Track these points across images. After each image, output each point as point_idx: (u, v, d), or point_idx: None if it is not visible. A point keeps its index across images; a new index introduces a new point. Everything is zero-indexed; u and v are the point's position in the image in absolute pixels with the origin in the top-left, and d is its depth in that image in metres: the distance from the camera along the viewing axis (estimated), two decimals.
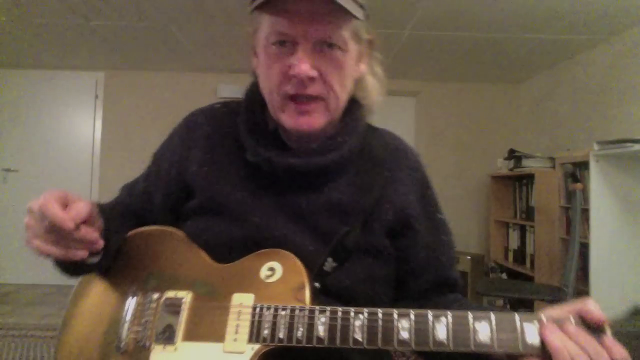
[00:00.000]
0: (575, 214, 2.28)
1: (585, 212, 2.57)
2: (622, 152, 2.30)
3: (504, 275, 3.65)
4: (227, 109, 0.80)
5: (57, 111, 4.19)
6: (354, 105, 0.76)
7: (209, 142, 0.76)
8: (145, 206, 0.81)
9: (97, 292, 0.74)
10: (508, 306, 3.37)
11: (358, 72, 0.74)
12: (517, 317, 0.55)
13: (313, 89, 0.65)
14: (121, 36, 3.31)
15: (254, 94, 0.75)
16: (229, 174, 0.73)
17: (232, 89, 4.10)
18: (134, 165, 0.86)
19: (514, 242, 3.66)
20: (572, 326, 0.54)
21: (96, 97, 4.23)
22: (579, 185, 2.39)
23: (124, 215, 0.79)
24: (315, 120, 0.67)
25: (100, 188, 4.09)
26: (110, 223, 0.72)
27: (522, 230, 3.53)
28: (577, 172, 2.78)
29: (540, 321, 0.55)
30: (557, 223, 3.07)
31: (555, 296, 2.18)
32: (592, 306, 0.54)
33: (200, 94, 4.06)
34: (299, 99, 0.66)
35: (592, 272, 2.41)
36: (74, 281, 0.76)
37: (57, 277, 0.76)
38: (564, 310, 0.56)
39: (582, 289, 2.59)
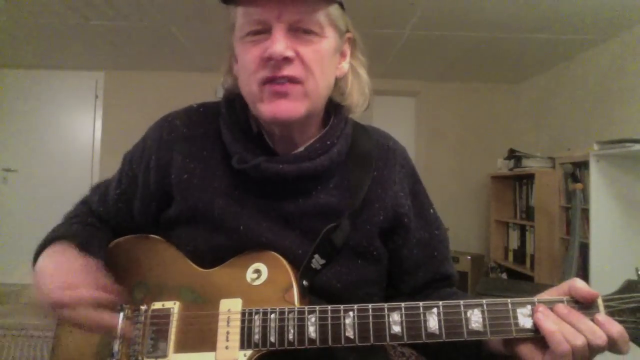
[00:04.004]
0: (575, 214, 2.27)
1: (585, 212, 2.57)
2: (622, 152, 2.29)
3: (504, 275, 3.65)
4: (205, 109, 0.77)
5: (57, 111, 4.19)
6: (337, 107, 0.74)
7: (188, 147, 0.73)
8: (121, 214, 0.78)
9: None
10: None
11: (340, 70, 0.71)
12: (509, 302, 0.55)
13: (290, 70, 0.62)
14: (121, 36, 3.31)
15: (233, 97, 0.73)
16: (211, 181, 0.71)
17: None
18: None
19: (514, 242, 3.65)
20: (564, 307, 0.53)
21: (96, 97, 4.23)
22: (579, 185, 2.39)
23: (99, 229, 0.77)
24: (294, 105, 0.63)
25: None
26: (91, 244, 0.71)
27: (522, 230, 3.53)
28: (577, 172, 2.78)
29: (532, 305, 0.55)
30: (557, 223, 3.07)
31: None
32: (580, 284, 0.54)
33: (200, 94, 4.02)
34: (275, 82, 0.62)
35: (592, 272, 2.41)
36: None
37: None
38: (556, 292, 0.56)
39: None
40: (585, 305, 0.53)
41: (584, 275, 2.56)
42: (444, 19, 2.83)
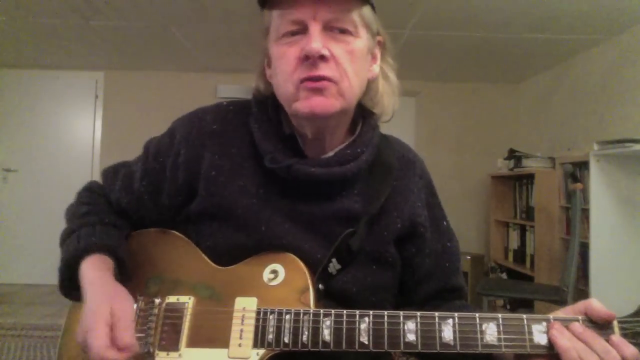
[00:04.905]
0: (575, 214, 2.27)
1: (585, 212, 2.57)
2: (622, 152, 2.30)
3: (504, 275, 3.65)
4: (235, 107, 0.77)
5: (57, 111, 4.18)
6: (368, 114, 0.75)
7: (218, 143, 0.73)
8: (146, 206, 0.77)
9: None
10: (508, 306, 3.37)
11: (371, 73, 0.72)
12: (524, 318, 0.56)
13: (325, 70, 0.62)
14: (121, 36, 3.31)
15: (264, 98, 0.74)
16: (238, 179, 0.71)
17: (232, 89, 4.10)
18: None
19: (514, 242, 3.66)
20: (579, 326, 0.54)
21: (96, 97, 4.23)
22: (579, 185, 2.39)
23: (121, 229, 0.77)
24: (329, 101, 0.63)
25: None
26: (123, 254, 0.71)
27: (522, 230, 3.53)
28: (577, 172, 2.78)
29: (547, 322, 0.55)
30: (557, 223, 3.07)
31: (555, 296, 2.18)
32: (597, 305, 0.54)
33: (200, 94, 4.06)
34: (311, 80, 0.63)
35: (592, 272, 2.41)
36: None
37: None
38: (571, 311, 0.56)
39: (582, 289, 2.59)
40: (600, 325, 0.54)
41: (584, 275, 2.56)
42: (444, 19, 2.83)
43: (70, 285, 0.69)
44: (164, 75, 4.22)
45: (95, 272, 0.67)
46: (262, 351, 0.60)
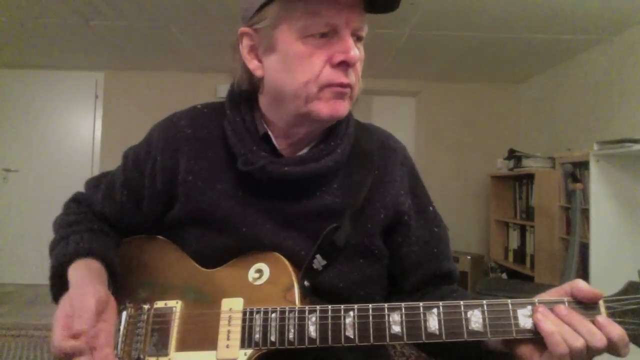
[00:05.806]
0: (575, 214, 2.27)
1: (585, 212, 2.57)
2: (622, 152, 2.29)
3: (504, 275, 3.65)
4: (209, 110, 0.77)
5: (57, 111, 4.19)
6: None
7: (193, 148, 0.72)
8: (129, 214, 0.78)
9: None
10: None
11: None
12: (509, 303, 0.55)
13: (351, 77, 0.64)
14: (121, 36, 3.31)
15: (238, 97, 0.73)
16: (216, 182, 0.71)
17: None
18: None
19: (514, 242, 3.66)
20: (564, 308, 0.53)
21: (96, 97, 4.23)
22: (579, 185, 2.39)
23: (108, 234, 0.77)
24: (346, 106, 0.66)
25: None
26: (110, 257, 0.71)
27: (522, 230, 3.53)
28: (577, 172, 2.78)
29: (532, 305, 0.54)
30: (557, 223, 3.07)
31: None
32: (582, 284, 0.54)
33: (200, 94, 4.05)
34: (337, 85, 0.64)
35: (592, 272, 2.41)
36: None
37: None
38: (557, 292, 0.56)
39: None
40: (586, 306, 0.53)
41: (584, 275, 2.56)
42: (444, 19, 2.83)
43: (60, 291, 0.68)
44: (164, 75, 4.22)
45: (79, 272, 0.67)
46: (249, 351, 0.60)
